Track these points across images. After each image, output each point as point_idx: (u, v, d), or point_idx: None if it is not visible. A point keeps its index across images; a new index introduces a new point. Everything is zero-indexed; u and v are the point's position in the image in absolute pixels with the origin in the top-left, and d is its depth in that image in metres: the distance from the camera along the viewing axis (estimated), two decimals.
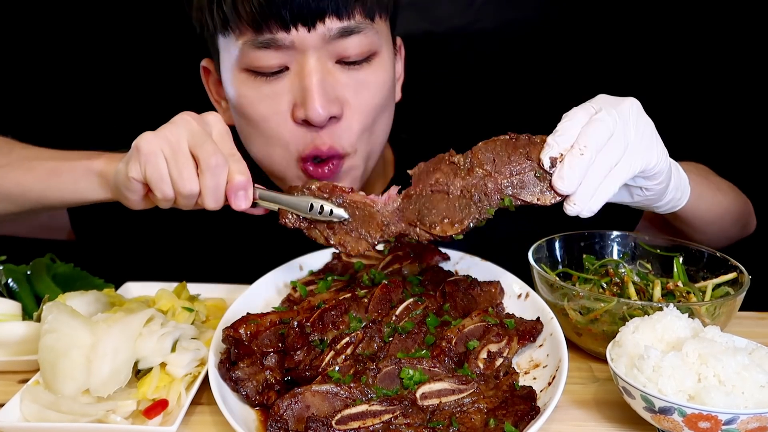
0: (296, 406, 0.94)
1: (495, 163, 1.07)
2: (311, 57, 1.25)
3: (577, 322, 1.18)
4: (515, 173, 1.06)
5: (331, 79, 1.27)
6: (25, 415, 1.01)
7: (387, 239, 1.13)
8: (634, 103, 1.08)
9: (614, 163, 1.03)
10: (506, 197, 1.06)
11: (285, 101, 1.29)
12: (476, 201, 1.07)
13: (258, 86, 1.29)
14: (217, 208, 1.09)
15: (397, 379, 1.01)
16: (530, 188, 1.05)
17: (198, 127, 1.07)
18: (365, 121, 1.33)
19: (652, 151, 1.08)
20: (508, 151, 1.07)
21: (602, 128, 1.01)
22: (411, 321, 1.14)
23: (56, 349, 1.03)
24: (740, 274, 1.23)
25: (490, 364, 1.07)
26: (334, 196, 1.14)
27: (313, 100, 1.23)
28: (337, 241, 1.13)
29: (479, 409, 0.98)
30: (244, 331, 1.09)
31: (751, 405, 0.91)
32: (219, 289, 1.41)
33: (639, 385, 0.94)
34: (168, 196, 1.08)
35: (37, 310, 1.25)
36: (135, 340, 1.07)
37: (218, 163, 1.05)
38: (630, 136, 1.05)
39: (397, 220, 1.12)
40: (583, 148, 1.01)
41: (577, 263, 1.37)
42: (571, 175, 1.01)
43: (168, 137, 1.06)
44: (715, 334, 1.02)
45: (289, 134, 1.30)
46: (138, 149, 1.06)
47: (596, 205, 1.03)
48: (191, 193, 1.06)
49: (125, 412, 1.02)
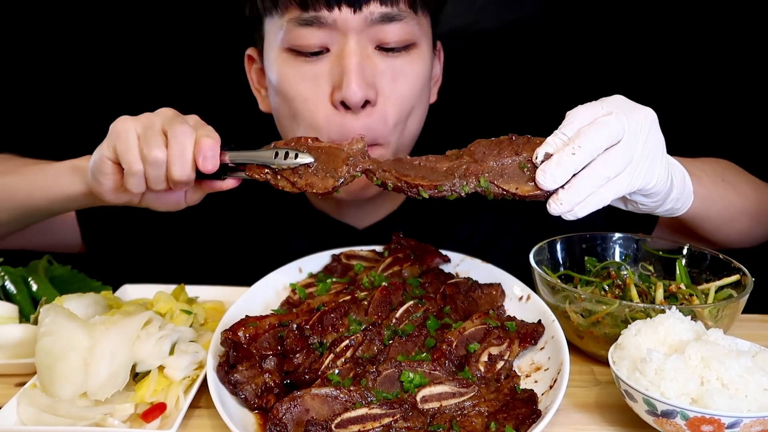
0: (295, 409, 0.94)
1: (485, 155, 1.08)
2: (352, 39, 1.28)
3: (578, 324, 1.18)
4: (500, 163, 1.06)
5: (370, 63, 1.30)
6: (22, 419, 1.00)
7: (353, 174, 1.13)
8: (649, 114, 1.04)
9: (615, 174, 0.99)
10: (483, 178, 1.05)
11: (324, 83, 1.31)
12: (456, 177, 1.07)
13: (299, 65, 1.32)
14: (184, 177, 1.11)
15: (397, 383, 1.00)
16: (511, 177, 1.05)
17: (173, 115, 1.14)
18: (399, 111, 1.35)
19: (655, 170, 1.04)
20: (501, 147, 1.07)
21: (604, 132, 0.97)
22: (411, 324, 1.13)
23: (53, 351, 1.03)
24: (743, 277, 1.22)
25: (491, 367, 1.07)
26: (299, 146, 1.16)
27: (350, 80, 1.26)
28: (304, 183, 1.14)
29: (480, 413, 0.97)
30: (243, 333, 1.09)
31: (755, 408, 0.90)
32: (217, 292, 1.40)
33: (641, 388, 0.93)
34: (134, 168, 1.10)
35: (34, 313, 1.24)
36: (133, 343, 1.07)
37: (184, 130, 1.10)
38: (637, 149, 1.00)
39: (361, 157, 1.14)
40: (576, 148, 0.97)
41: (579, 265, 1.37)
42: (555, 172, 0.98)
43: (142, 120, 1.12)
44: (718, 337, 1.02)
45: (324, 118, 1.33)
46: (112, 128, 1.12)
47: (583, 211, 1.00)
48: (156, 159, 1.09)
49: (123, 415, 1.01)
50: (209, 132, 1.12)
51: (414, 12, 1.33)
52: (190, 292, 1.35)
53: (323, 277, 1.32)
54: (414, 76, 1.36)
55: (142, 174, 1.12)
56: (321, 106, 1.32)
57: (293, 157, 1.14)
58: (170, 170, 1.10)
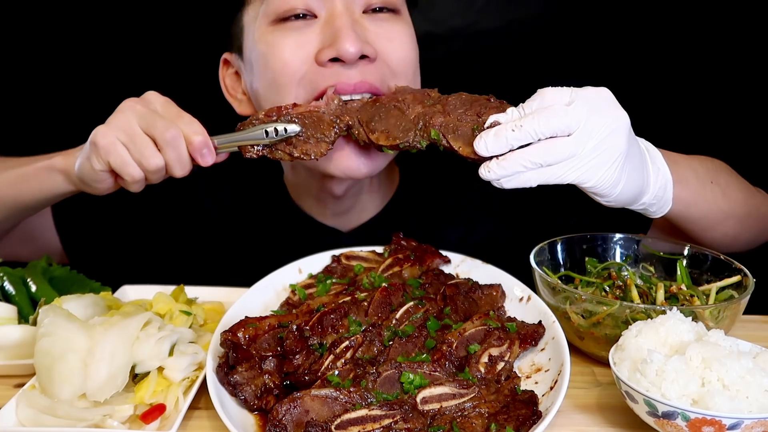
0: (295, 410, 0.94)
1: (455, 108, 1.16)
2: (339, 3, 1.30)
3: (579, 325, 1.17)
4: (459, 120, 1.13)
5: (360, 26, 1.31)
6: (21, 420, 1.00)
7: (340, 133, 1.22)
8: (618, 119, 1.04)
9: (549, 162, 1.01)
10: (434, 130, 1.14)
11: (310, 46, 1.31)
12: (417, 128, 1.17)
13: (285, 33, 1.32)
14: (185, 174, 1.17)
15: (397, 384, 1.00)
16: (461, 136, 1.12)
17: (143, 108, 1.16)
18: (403, 65, 1.36)
19: (599, 174, 1.04)
20: (472, 105, 1.15)
21: (553, 121, 0.99)
22: (411, 324, 1.13)
23: (52, 352, 1.03)
24: (744, 277, 1.22)
25: (492, 368, 1.06)
26: (281, 116, 1.21)
27: (345, 35, 1.26)
28: (300, 152, 1.21)
29: (480, 414, 0.97)
30: (243, 334, 1.08)
31: (756, 409, 0.90)
32: (217, 292, 1.40)
33: (642, 389, 0.93)
34: (136, 177, 1.16)
35: (33, 314, 1.24)
36: (132, 344, 1.07)
37: (174, 135, 1.13)
38: (586, 146, 1.01)
39: (342, 113, 1.22)
40: (517, 126, 1.01)
41: (580, 266, 1.36)
42: (490, 142, 1.03)
43: (120, 125, 1.14)
44: (719, 338, 1.01)
45: (309, 75, 1.31)
46: (95, 144, 1.14)
47: (509, 185, 1.05)
48: (158, 168, 1.15)
49: (122, 416, 1.01)
50: (197, 129, 1.15)
51: None
52: (189, 293, 1.34)
53: (323, 277, 1.32)
54: (408, 38, 1.38)
55: (143, 179, 1.18)
56: (304, 66, 1.31)
57: (283, 132, 1.18)
58: (171, 172, 1.17)
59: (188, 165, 1.16)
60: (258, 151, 1.21)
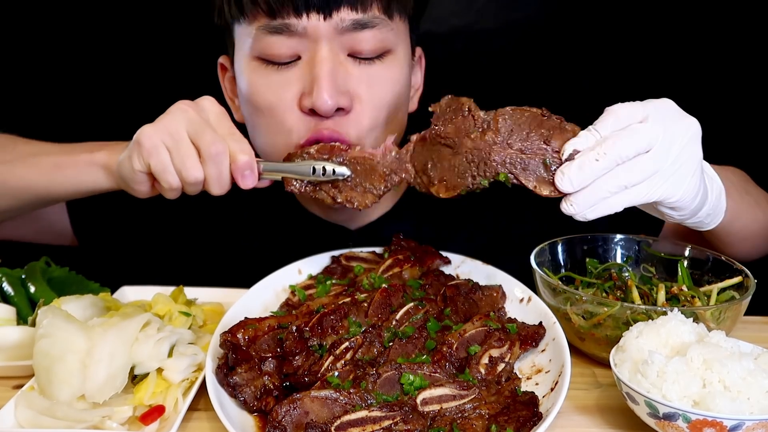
0: (295, 412, 0.93)
1: (511, 133, 1.04)
2: (323, 47, 1.24)
3: (580, 326, 1.17)
4: (525, 152, 1.03)
5: (343, 70, 1.27)
6: (20, 421, 1.00)
7: (391, 187, 1.16)
8: (691, 126, 1.00)
9: (634, 183, 0.97)
10: (503, 173, 1.04)
11: (293, 90, 1.28)
12: (476, 166, 1.06)
13: (268, 74, 1.29)
14: (223, 193, 1.14)
15: (397, 385, 1.00)
16: (532, 173, 1.03)
17: (195, 115, 1.11)
18: (376, 117, 1.31)
19: (683, 186, 1.01)
20: (531, 127, 1.03)
21: (635, 140, 0.95)
22: (411, 326, 1.13)
23: (51, 354, 1.02)
24: (745, 278, 1.21)
25: (492, 369, 1.06)
26: (333, 156, 1.16)
27: (321, 88, 1.22)
28: (344, 198, 1.17)
29: (481, 415, 0.97)
30: (242, 335, 1.08)
31: (757, 411, 0.90)
32: (216, 293, 1.40)
33: (643, 390, 0.93)
34: (174, 186, 1.12)
35: (32, 315, 1.23)
36: (131, 345, 1.06)
37: (219, 151, 1.09)
38: (666, 161, 0.98)
39: (398, 168, 1.15)
40: (601, 155, 0.95)
41: (580, 267, 1.36)
42: (575, 177, 0.97)
43: (167, 128, 1.10)
44: (720, 339, 1.01)
45: (292, 122, 1.29)
46: (140, 143, 1.11)
47: (593, 215, 0.99)
48: (196, 181, 1.11)
49: (121, 418, 1.01)
50: (244, 148, 1.12)
51: (389, 17, 1.29)
52: (188, 294, 1.34)
53: (323, 278, 1.32)
54: (390, 82, 1.32)
55: (180, 189, 1.14)
56: (289, 111, 1.29)
57: (331, 172, 1.15)
58: (208, 188, 1.13)
59: (227, 184, 1.13)
60: (301, 187, 1.17)
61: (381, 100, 1.31)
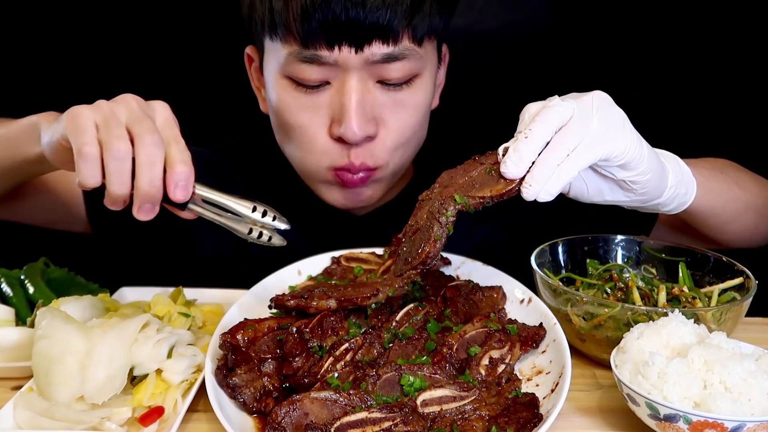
0: (294, 413, 0.93)
1: (452, 178, 1.10)
2: (353, 77, 1.27)
3: (580, 327, 1.17)
4: (467, 177, 1.08)
5: (370, 97, 1.30)
6: (19, 423, 0.99)
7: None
8: (598, 94, 1.05)
9: (571, 147, 1.00)
10: (458, 195, 1.07)
11: (323, 114, 1.32)
12: (435, 213, 1.09)
13: (298, 96, 1.32)
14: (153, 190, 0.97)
15: (397, 386, 1.00)
16: (483, 184, 1.06)
17: (138, 108, 1.01)
18: (399, 140, 1.36)
19: (618, 139, 1.04)
20: (466, 167, 1.10)
21: (551, 113, 0.99)
22: (411, 327, 1.13)
23: (50, 355, 1.02)
24: (747, 279, 1.21)
25: (492, 370, 1.06)
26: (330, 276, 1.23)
27: (351, 119, 1.26)
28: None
29: (481, 417, 0.97)
30: (242, 336, 1.08)
31: (758, 412, 0.90)
32: (216, 294, 1.39)
33: (644, 392, 0.93)
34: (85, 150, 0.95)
35: (31, 316, 1.23)
36: (130, 346, 1.06)
37: (155, 141, 0.96)
38: (592, 123, 1.02)
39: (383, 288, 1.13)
40: (527, 131, 0.99)
41: (581, 268, 1.36)
42: (515, 158, 1.00)
43: (102, 108, 0.99)
44: (721, 340, 1.01)
45: (323, 146, 1.34)
46: (69, 114, 1.00)
47: (554, 187, 1.01)
48: (119, 151, 0.95)
49: (120, 419, 1.00)
50: (185, 157, 0.99)
51: (419, 45, 1.31)
52: (188, 295, 1.34)
53: (322, 279, 1.31)
54: (415, 108, 1.36)
55: (96, 159, 0.96)
56: (319, 135, 1.33)
57: (270, 219, 1.05)
58: (138, 178, 0.97)
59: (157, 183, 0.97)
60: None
61: (404, 124, 1.36)
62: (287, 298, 1.13)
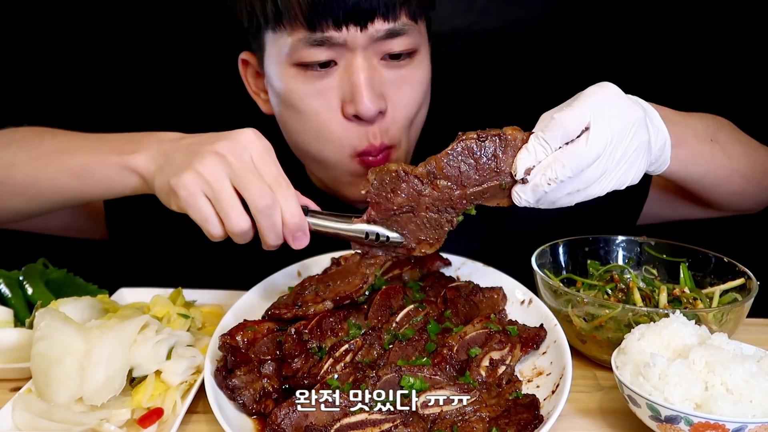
0: (294, 414, 0.93)
1: (461, 173, 1.07)
2: (359, 55, 1.30)
3: (581, 329, 1.16)
4: (481, 183, 1.07)
5: (377, 75, 1.32)
6: (17, 424, 0.99)
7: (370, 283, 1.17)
8: (633, 115, 1.05)
9: (585, 185, 1.03)
10: (473, 208, 1.10)
11: (334, 96, 1.33)
12: (446, 211, 1.11)
13: (308, 81, 1.33)
14: (278, 245, 1.09)
15: (397, 387, 0.99)
16: (492, 195, 1.08)
17: (236, 161, 1.04)
18: (408, 115, 1.38)
19: (631, 173, 1.06)
20: (475, 157, 1.06)
21: (585, 158, 1.00)
22: (411, 328, 1.12)
23: (49, 356, 1.02)
24: (748, 280, 1.21)
25: (493, 371, 1.06)
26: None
27: (362, 96, 1.28)
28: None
29: (481, 418, 0.96)
30: (241, 338, 1.08)
31: (759, 414, 0.89)
32: (215, 296, 1.40)
33: (645, 393, 0.92)
34: (216, 235, 1.06)
35: (30, 317, 1.23)
36: (129, 348, 1.06)
37: (268, 204, 1.03)
38: (615, 157, 1.03)
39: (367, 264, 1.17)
40: (553, 179, 1.01)
41: (582, 269, 1.36)
42: (531, 198, 1.05)
43: (206, 177, 1.03)
44: (722, 342, 1.01)
45: (341, 130, 1.34)
46: (176, 193, 1.04)
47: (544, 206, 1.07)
48: (242, 231, 1.05)
49: (119, 420, 1.00)
50: (291, 204, 1.06)
51: (415, 22, 1.34)
52: (187, 296, 1.34)
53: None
54: (417, 82, 1.39)
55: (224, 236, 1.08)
56: (334, 118, 1.34)
57: (385, 239, 1.13)
58: (263, 240, 1.07)
59: (282, 237, 1.07)
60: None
61: (410, 99, 1.37)
62: (282, 311, 1.13)
